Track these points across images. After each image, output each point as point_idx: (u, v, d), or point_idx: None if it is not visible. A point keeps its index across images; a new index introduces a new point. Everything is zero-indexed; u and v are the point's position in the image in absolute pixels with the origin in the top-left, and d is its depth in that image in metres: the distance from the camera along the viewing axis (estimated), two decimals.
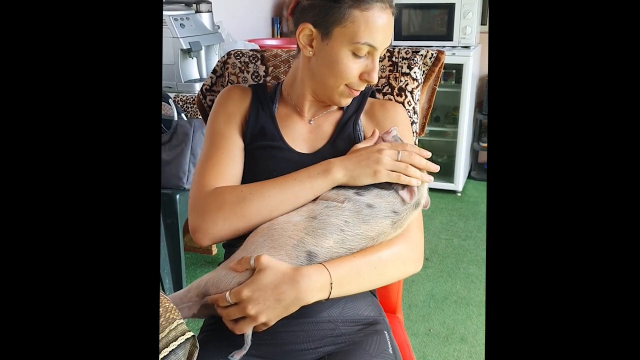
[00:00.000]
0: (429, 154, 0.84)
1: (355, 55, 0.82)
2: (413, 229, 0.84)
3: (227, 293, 0.73)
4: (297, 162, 0.86)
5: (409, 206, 0.81)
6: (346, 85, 0.85)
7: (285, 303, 0.72)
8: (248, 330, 0.74)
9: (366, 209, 0.79)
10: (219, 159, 0.86)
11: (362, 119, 0.93)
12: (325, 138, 0.91)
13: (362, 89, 0.88)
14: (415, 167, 0.81)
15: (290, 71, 0.96)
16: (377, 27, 0.80)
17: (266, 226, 0.79)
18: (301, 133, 0.92)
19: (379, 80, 1.02)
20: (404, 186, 0.81)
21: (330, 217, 0.78)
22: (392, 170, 0.80)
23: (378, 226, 0.79)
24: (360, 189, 0.82)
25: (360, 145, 0.86)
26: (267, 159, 0.87)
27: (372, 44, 0.81)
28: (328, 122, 0.93)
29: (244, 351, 0.75)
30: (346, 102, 0.90)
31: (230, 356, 0.75)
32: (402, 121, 0.93)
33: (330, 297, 0.75)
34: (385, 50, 0.85)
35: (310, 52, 0.85)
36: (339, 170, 0.81)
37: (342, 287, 0.76)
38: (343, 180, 0.81)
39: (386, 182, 0.81)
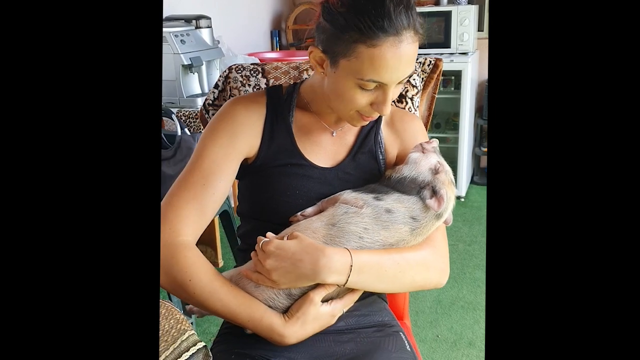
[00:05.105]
0: None
1: (363, 88, 0.76)
2: (438, 238, 0.83)
3: (262, 240, 0.77)
4: (319, 179, 0.85)
5: (429, 214, 0.79)
6: (357, 111, 0.80)
7: (299, 272, 0.74)
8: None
9: (385, 214, 0.79)
10: (200, 191, 0.80)
11: (383, 129, 0.91)
12: (346, 150, 0.89)
13: (375, 117, 0.83)
14: None
15: (311, 78, 0.91)
16: (386, 65, 0.72)
17: (288, 231, 0.80)
18: (322, 145, 0.88)
19: None
20: (432, 195, 0.80)
21: (349, 225, 0.78)
22: None
23: (397, 233, 0.78)
24: (380, 193, 0.81)
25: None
26: (287, 176, 0.84)
27: (378, 80, 0.74)
28: (351, 133, 0.90)
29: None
30: (361, 124, 0.84)
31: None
32: (421, 133, 0.93)
33: (347, 284, 0.75)
34: (407, 79, 0.78)
35: (322, 72, 0.81)
36: (289, 338, 0.76)
37: (361, 274, 0.75)
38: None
39: (410, 187, 0.80)
